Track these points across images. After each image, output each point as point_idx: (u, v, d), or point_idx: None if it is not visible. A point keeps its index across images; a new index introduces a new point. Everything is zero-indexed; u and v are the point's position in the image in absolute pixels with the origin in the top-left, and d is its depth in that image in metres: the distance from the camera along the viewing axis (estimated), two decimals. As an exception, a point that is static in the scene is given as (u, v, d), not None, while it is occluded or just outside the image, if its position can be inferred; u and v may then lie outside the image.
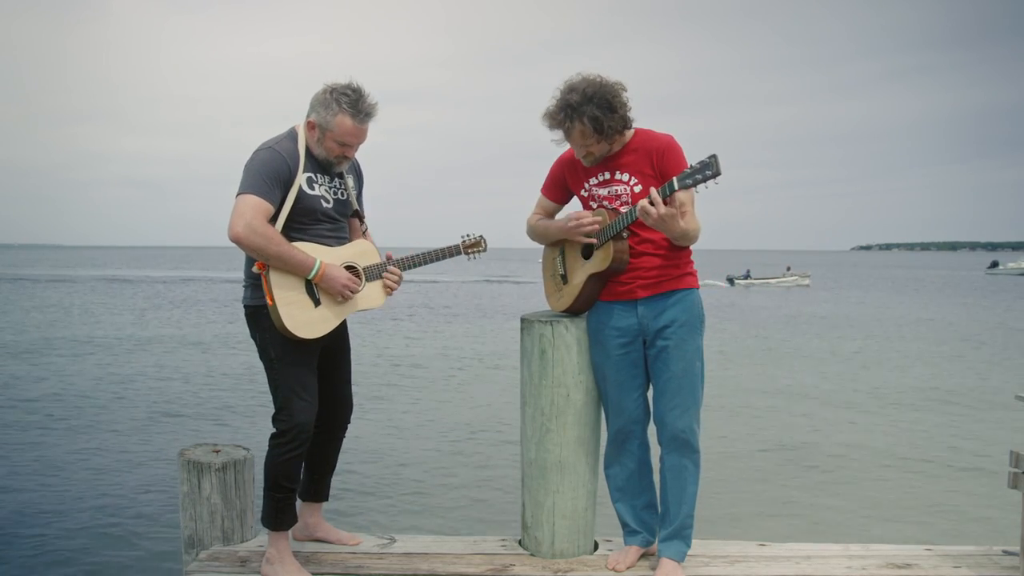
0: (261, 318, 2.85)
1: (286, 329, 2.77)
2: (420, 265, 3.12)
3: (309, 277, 2.80)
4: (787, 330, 21.04)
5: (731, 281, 46.16)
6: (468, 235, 3.21)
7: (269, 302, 2.75)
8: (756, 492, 6.96)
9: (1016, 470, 2.92)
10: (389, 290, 3.04)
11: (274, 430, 2.89)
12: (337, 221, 2.99)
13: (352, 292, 2.88)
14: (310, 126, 2.87)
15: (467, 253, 3.21)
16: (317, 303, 2.85)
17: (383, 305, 3.05)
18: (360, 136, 2.89)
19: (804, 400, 11.19)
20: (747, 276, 47.17)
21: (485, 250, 3.23)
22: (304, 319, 2.81)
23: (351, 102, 2.81)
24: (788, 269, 49.90)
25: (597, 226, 2.91)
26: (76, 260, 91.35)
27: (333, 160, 2.91)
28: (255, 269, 2.79)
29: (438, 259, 3.15)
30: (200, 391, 11.36)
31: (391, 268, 3.05)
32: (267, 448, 2.90)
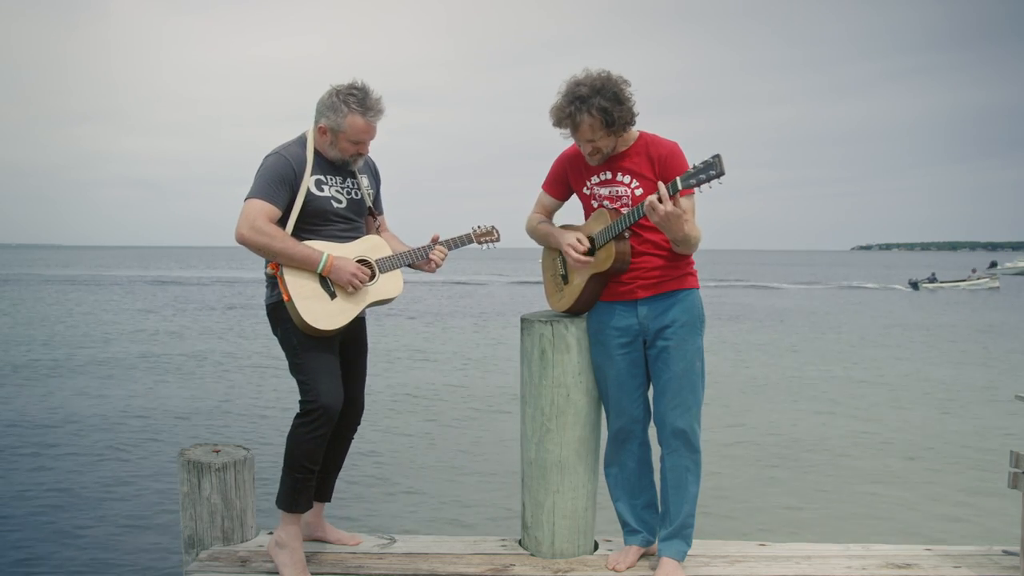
0: (281, 312, 2.91)
1: (305, 323, 2.83)
2: (430, 253, 3.15)
3: (317, 270, 2.86)
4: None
5: (915, 285, 43.49)
6: (479, 225, 3.28)
7: (286, 299, 2.82)
8: (756, 492, 6.96)
9: (1016, 470, 2.92)
10: (435, 265, 3.11)
11: (299, 411, 2.91)
12: (352, 221, 3.04)
13: (360, 281, 2.91)
14: (321, 131, 2.92)
15: (480, 242, 3.27)
16: (333, 296, 2.91)
17: (399, 295, 3.09)
18: (372, 133, 2.95)
19: (806, 400, 11.19)
20: (933, 279, 44.50)
21: (498, 240, 3.28)
22: (322, 311, 2.86)
23: (359, 101, 2.87)
24: (974, 271, 46.89)
25: (583, 266, 2.94)
26: (77, 260, 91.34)
27: (349, 160, 2.98)
28: (268, 270, 2.87)
29: (449, 249, 3.19)
30: (200, 391, 11.36)
31: (439, 248, 3.12)
32: (290, 428, 2.91)
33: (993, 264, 69.18)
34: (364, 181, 3.11)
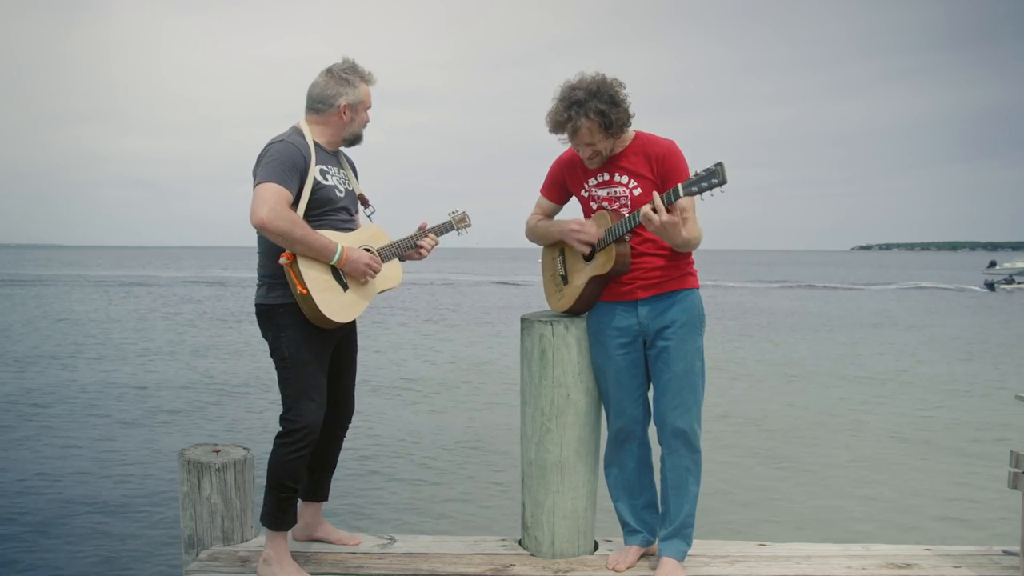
0: (277, 316, 2.86)
1: (323, 317, 2.79)
2: (421, 240, 3.19)
3: (332, 262, 2.83)
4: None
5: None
6: (454, 211, 3.31)
7: (302, 292, 2.76)
8: (756, 492, 6.96)
9: (1016, 470, 2.92)
10: (426, 251, 3.16)
11: (280, 429, 2.88)
12: (349, 211, 3.04)
13: (375, 271, 2.93)
14: (342, 111, 2.95)
15: (456, 228, 3.30)
16: (345, 287, 2.89)
17: (400, 284, 3.11)
18: None
19: (805, 399, 11.19)
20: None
21: (470, 225, 3.32)
22: (338, 304, 2.85)
23: (358, 70, 2.99)
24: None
25: (594, 240, 2.92)
26: (78, 260, 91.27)
27: (362, 131, 3.05)
28: (283, 260, 2.76)
29: (437, 235, 3.21)
30: (200, 391, 11.36)
31: (429, 236, 3.16)
32: (272, 447, 2.89)
33: (992, 264, 68.81)
34: (350, 172, 3.12)
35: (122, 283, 42.47)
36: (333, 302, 2.83)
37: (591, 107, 2.75)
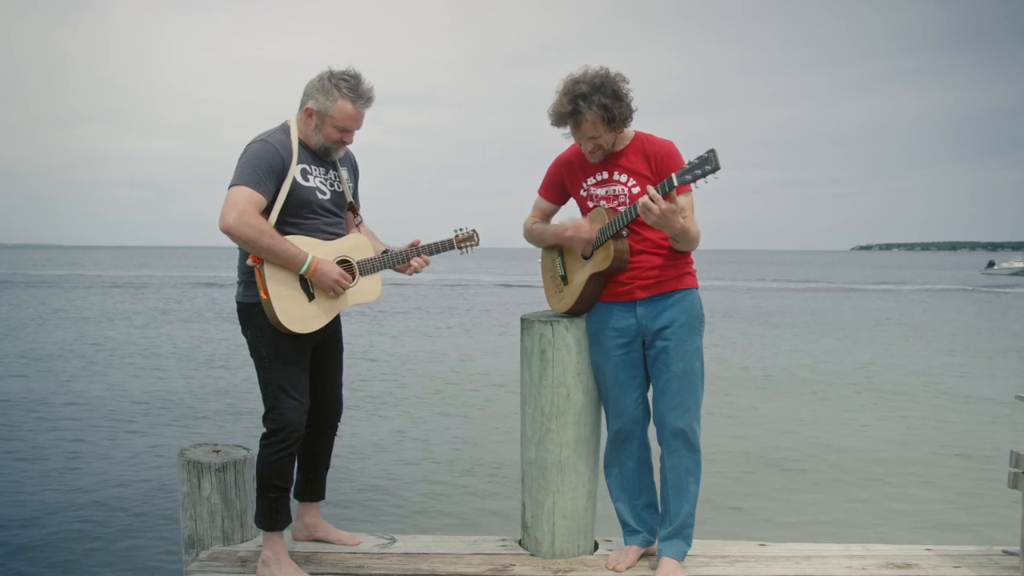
0: (253, 315, 2.85)
1: (280, 324, 2.76)
2: (412, 258, 3.08)
3: (301, 272, 2.78)
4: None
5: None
6: (461, 229, 3.16)
7: (263, 296, 2.74)
8: (757, 492, 6.96)
9: (1016, 470, 2.93)
10: (414, 270, 3.06)
11: (264, 430, 2.87)
12: (334, 214, 2.97)
13: (343, 287, 2.87)
14: (308, 113, 2.85)
15: (460, 247, 3.17)
16: (311, 298, 2.84)
17: (377, 299, 3.05)
18: (359, 121, 2.90)
19: (805, 399, 11.19)
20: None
21: (478, 244, 3.16)
22: (298, 314, 2.80)
23: (351, 87, 2.83)
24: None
25: (591, 237, 2.92)
26: (78, 260, 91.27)
27: (331, 146, 2.90)
28: (249, 262, 2.76)
29: (430, 254, 3.11)
30: (200, 391, 11.35)
31: (423, 257, 3.06)
32: (258, 448, 2.90)
33: (991, 264, 68.59)
34: (344, 174, 3.04)
35: (122, 284, 42.47)
36: (293, 311, 2.78)
37: (594, 101, 2.75)
